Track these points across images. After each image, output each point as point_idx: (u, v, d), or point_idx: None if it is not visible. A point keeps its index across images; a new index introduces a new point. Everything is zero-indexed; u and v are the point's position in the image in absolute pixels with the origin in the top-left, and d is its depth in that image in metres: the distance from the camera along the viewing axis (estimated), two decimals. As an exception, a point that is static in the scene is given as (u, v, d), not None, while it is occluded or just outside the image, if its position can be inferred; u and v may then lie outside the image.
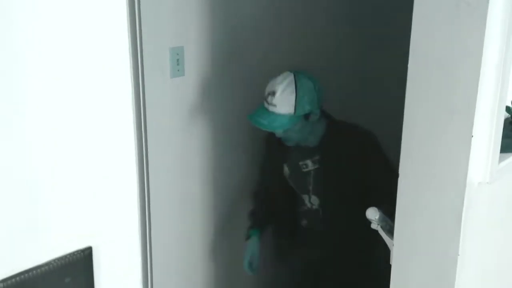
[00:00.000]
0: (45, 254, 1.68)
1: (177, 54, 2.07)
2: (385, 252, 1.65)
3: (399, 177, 1.42)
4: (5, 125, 1.54)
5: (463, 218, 1.34)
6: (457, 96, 1.32)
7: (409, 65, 1.38)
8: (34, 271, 1.65)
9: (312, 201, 2.24)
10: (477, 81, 1.28)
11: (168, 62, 2.05)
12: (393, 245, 1.49)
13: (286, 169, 2.27)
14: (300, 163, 2.21)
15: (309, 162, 2.20)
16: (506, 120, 1.45)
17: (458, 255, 1.36)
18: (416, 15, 1.34)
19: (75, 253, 1.74)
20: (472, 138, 1.30)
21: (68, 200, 1.73)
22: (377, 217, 1.56)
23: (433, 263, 1.42)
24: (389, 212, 1.77)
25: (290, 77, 2.03)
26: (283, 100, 2.00)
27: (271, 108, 2.02)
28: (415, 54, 1.36)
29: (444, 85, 1.33)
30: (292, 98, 2.00)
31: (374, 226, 1.58)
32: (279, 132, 2.09)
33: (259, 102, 2.10)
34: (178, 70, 2.08)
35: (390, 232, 1.52)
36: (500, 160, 1.39)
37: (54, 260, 1.69)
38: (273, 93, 2.02)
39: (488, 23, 1.25)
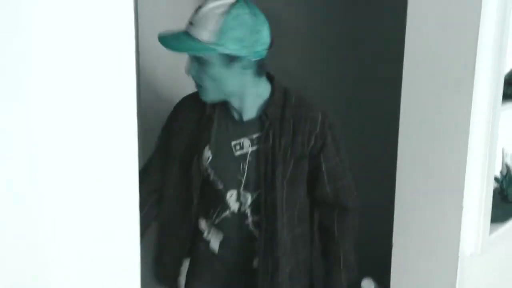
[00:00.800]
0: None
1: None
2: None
3: (393, 249, 1.43)
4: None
5: (456, 289, 1.35)
6: (447, 168, 1.34)
7: (399, 136, 1.42)
8: None
9: (241, 199, 1.59)
10: (465, 153, 1.31)
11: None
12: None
13: (207, 154, 1.59)
14: (233, 142, 1.57)
15: (245, 141, 1.57)
16: (495, 190, 1.47)
17: (453, 326, 1.36)
18: (404, 90, 1.38)
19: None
20: (463, 210, 1.32)
21: (70, 263, 1.71)
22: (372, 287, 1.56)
23: (428, 335, 1.41)
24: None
25: (229, 1, 1.46)
26: (207, 21, 1.43)
27: (189, 30, 1.46)
28: (405, 124, 1.40)
29: (434, 156, 1.36)
30: (217, 23, 1.43)
31: (369, 297, 1.57)
32: (189, 68, 1.51)
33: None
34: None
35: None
36: (492, 230, 1.41)
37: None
38: (198, 9, 1.47)
39: (475, 99, 1.29)
